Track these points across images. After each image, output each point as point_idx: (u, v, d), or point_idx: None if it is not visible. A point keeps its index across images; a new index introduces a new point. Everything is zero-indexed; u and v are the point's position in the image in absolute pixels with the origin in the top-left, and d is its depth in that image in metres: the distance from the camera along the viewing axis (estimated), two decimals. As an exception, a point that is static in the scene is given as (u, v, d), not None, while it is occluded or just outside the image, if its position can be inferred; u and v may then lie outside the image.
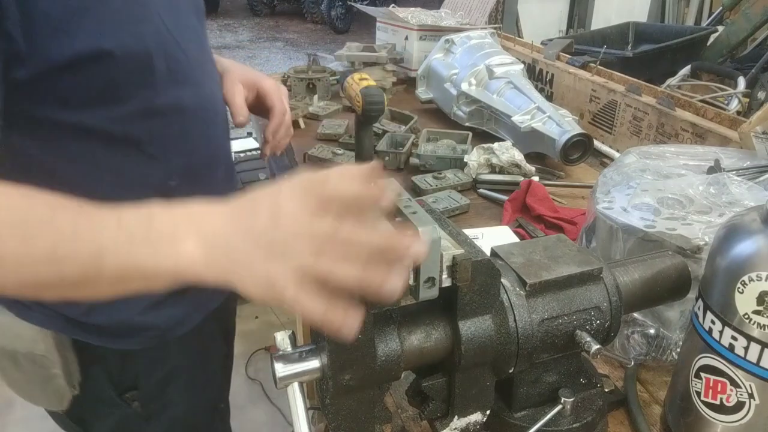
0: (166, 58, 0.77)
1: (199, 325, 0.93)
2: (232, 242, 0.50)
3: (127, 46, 0.71)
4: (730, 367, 0.63)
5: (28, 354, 0.84)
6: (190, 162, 0.85)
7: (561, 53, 1.93)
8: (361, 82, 1.24)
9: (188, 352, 0.95)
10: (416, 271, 0.54)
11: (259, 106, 1.08)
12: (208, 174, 0.90)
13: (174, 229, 0.51)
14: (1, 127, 0.66)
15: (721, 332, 0.63)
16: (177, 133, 0.82)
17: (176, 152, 0.82)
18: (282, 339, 0.60)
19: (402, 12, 2.28)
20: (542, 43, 2.12)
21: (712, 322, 0.64)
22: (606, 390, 0.73)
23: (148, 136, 0.78)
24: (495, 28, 2.06)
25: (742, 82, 2.38)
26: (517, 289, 0.64)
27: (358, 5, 3.21)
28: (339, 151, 1.55)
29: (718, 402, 0.66)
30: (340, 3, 9.20)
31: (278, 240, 0.48)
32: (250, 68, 1.11)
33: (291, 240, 0.48)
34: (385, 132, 1.66)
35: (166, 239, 0.51)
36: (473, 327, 0.60)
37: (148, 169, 0.79)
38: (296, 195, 0.50)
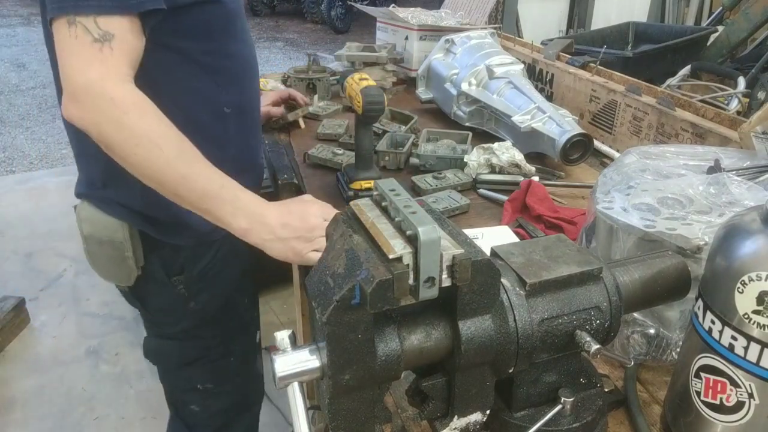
0: (240, 19, 1.14)
1: (229, 235, 1.11)
2: (274, 229, 0.99)
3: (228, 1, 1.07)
4: (730, 367, 0.63)
5: (110, 240, 1.15)
6: (240, 99, 1.18)
7: (561, 53, 1.93)
8: (361, 82, 1.24)
9: (220, 254, 1.26)
10: (416, 271, 0.54)
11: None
12: (249, 112, 1.24)
13: (244, 209, 0.98)
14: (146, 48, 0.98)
15: (721, 332, 0.63)
16: (236, 74, 1.15)
17: (233, 88, 1.15)
18: (282, 339, 0.60)
19: (402, 12, 2.28)
20: (542, 43, 2.12)
21: (712, 321, 0.64)
22: (606, 390, 0.73)
23: (219, 69, 1.11)
24: (495, 28, 2.06)
25: (742, 82, 2.38)
26: (517, 288, 0.64)
27: (358, 5, 3.21)
28: (339, 151, 1.55)
29: (717, 402, 0.66)
30: (340, 3, 9.20)
31: (303, 232, 1.00)
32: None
33: (308, 233, 1.00)
34: (385, 132, 1.67)
35: (235, 213, 0.98)
36: (473, 327, 0.60)
37: (215, 94, 1.12)
38: (315, 210, 1.04)
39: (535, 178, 1.38)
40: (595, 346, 0.61)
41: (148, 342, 1.37)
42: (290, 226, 0.99)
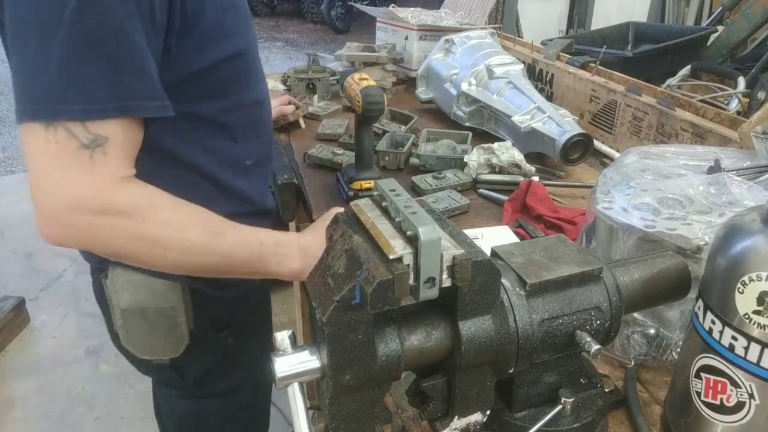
0: (257, 59, 1.00)
1: (267, 282, 1.15)
2: (316, 255, 0.76)
3: (249, 45, 0.94)
4: (730, 367, 0.63)
5: (158, 308, 0.98)
6: (259, 146, 1.05)
7: (561, 53, 1.93)
8: (361, 82, 1.24)
9: (257, 299, 1.22)
10: (416, 271, 0.54)
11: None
12: (268, 156, 1.12)
13: (289, 253, 0.94)
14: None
15: (721, 332, 0.63)
16: (253, 122, 1.02)
17: (251, 138, 1.02)
18: (282, 339, 0.60)
19: (402, 12, 2.28)
20: (542, 43, 2.12)
21: (712, 322, 0.64)
22: (606, 390, 0.73)
23: (236, 124, 0.97)
24: (495, 28, 2.06)
25: (742, 82, 2.38)
26: (517, 289, 0.64)
27: (358, 5, 3.21)
28: (339, 151, 1.55)
29: (718, 402, 0.66)
30: (340, 3, 9.20)
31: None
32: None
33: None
34: (385, 132, 1.66)
35: (281, 261, 0.94)
36: (473, 327, 0.60)
37: (233, 150, 0.98)
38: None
39: (535, 178, 1.38)
40: (595, 347, 0.61)
41: (176, 403, 1.20)
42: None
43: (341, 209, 1.03)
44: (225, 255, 0.87)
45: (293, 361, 0.59)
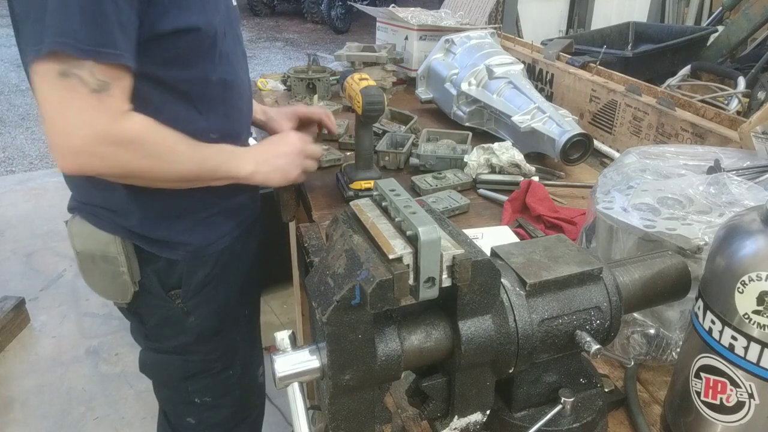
0: (224, 42, 1.08)
1: (227, 247, 1.25)
2: (269, 161, 1.16)
3: (208, 25, 1.02)
4: (730, 367, 0.63)
5: (103, 255, 1.13)
6: (226, 125, 1.15)
7: (561, 53, 1.93)
8: (361, 82, 1.24)
9: (218, 266, 1.24)
10: (416, 271, 0.54)
11: (306, 124, 1.49)
12: (237, 136, 1.21)
13: (243, 158, 1.12)
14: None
15: (721, 332, 0.63)
16: (219, 100, 1.12)
17: (217, 114, 1.12)
18: (282, 339, 0.60)
19: (402, 12, 2.28)
20: (542, 43, 2.12)
21: (712, 322, 0.64)
22: (606, 390, 0.74)
23: (200, 97, 1.08)
24: (495, 28, 2.06)
25: (742, 82, 2.38)
26: (517, 289, 0.64)
27: (358, 5, 3.21)
28: (325, 147, 1.58)
29: (718, 402, 0.66)
30: (340, 3, 9.20)
31: (292, 156, 1.19)
32: (288, 107, 1.53)
33: (297, 156, 1.20)
34: (385, 132, 1.66)
35: (240, 165, 1.11)
36: (473, 327, 0.60)
37: (197, 122, 1.09)
38: (294, 137, 1.23)
39: (535, 178, 1.38)
40: (595, 347, 0.61)
41: (145, 355, 1.34)
42: (282, 155, 1.17)
43: (286, 130, 1.29)
44: (198, 162, 1.04)
45: (293, 361, 0.59)
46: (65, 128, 0.89)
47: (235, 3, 1.21)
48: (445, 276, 0.55)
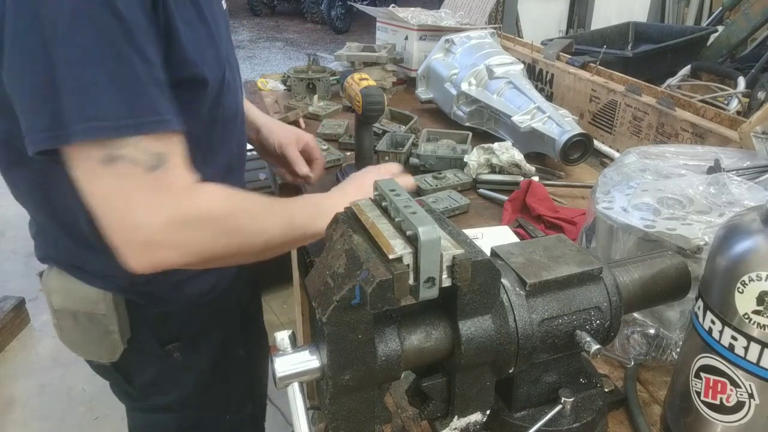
0: (228, 78, 0.93)
1: (220, 295, 1.12)
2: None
3: (214, 73, 0.87)
4: (730, 367, 0.63)
5: (89, 313, 0.97)
6: (229, 160, 1.02)
7: (561, 53, 1.93)
8: (361, 82, 1.24)
9: (214, 313, 1.12)
10: (416, 271, 0.54)
11: (305, 157, 1.32)
12: (239, 169, 1.09)
13: (329, 212, 0.80)
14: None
15: (721, 332, 0.63)
16: (221, 136, 0.97)
17: (220, 152, 0.99)
18: (282, 339, 0.60)
19: (402, 12, 2.28)
20: (542, 43, 2.12)
21: (712, 322, 0.64)
22: (606, 390, 0.73)
23: (206, 138, 0.93)
24: (495, 28, 2.06)
25: (742, 82, 2.38)
26: (517, 289, 0.64)
27: (358, 5, 3.21)
28: (324, 146, 1.58)
29: (718, 402, 0.66)
30: (340, 3, 9.21)
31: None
32: (282, 123, 1.38)
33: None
34: (385, 132, 1.66)
35: (329, 215, 0.79)
36: (473, 327, 0.60)
37: (201, 166, 0.87)
38: (370, 179, 0.84)
39: (535, 178, 1.38)
40: (595, 347, 0.61)
41: (134, 418, 1.20)
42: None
43: (370, 167, 1.10)
44: (287, 226, 0.88)
45: (293, 361, 0.59)
46: (127, 223, 0.73)
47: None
48: (445, 276, 0.55)
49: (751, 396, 0.63)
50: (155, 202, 0.74)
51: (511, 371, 0.64)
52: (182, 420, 1.18)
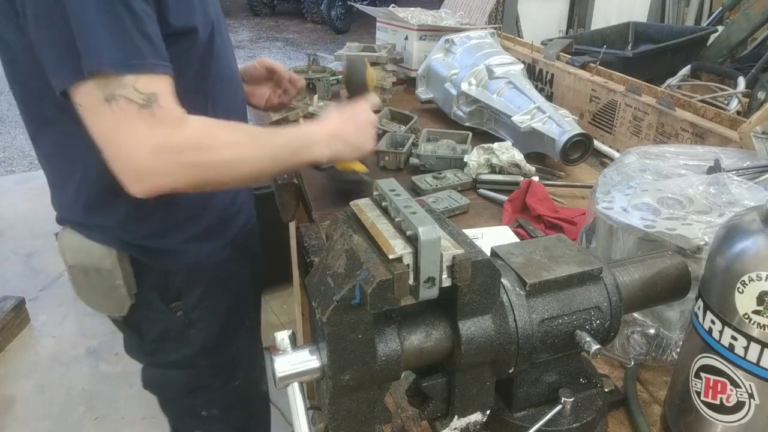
0: (220, 36, 1.07)
1: (227, 256, 1.22)
2: (347, 140, 1.10)
3: (203, 24, 1.00)
4: (730, 367, 0.63)
5: (97, 268, 1.08)
6: (228, 118, 1.07)
7: (561, 53, 1.93)
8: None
9: (219, 275, 1.22)
10: (416, 271, 0.54)
11: (274, 77, 1.45)
12: None
13: (319, 142, 1.06)
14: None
15: (721, 332, 0.63)
16: (218, 95, 1.10)
17: (216, 111, 1.07)
18: (282, 339, 0.60)
19: (402, 12, 2.28)
20: (542, 43, 2.12)
21: (712, 322, 0.64)
22: (606, 390, 0.73)
23: (203, 95, 1.06)
24: (495, 28, 2.06)
25: (742, 82, 2.38)
26: (517, 289, 0.64)
27: (358, 5, 3.21)
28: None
29: (718, 402, 0.66)
30: (340, 3, 9.20)
31: (367, 130, 1.14)
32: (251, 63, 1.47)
33: (371, 128, 1.15)
34: (385, 132, 1.66)
35: (313, 150, 1.06)
36: (473, 327, 0.60)
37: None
38: (363, 108, 1.16)
39: (535, 178, 1.38)
40: (595, 346, 0.61)
41: (148, 372, 1.31)
42: (358, 131, 1.12)
43: (361, 103, 1.18)
44: (270, 158, 1.00)
45: (293, 361, 0.59)
46: (124, 151, 0.86)
47: None
48: (445, 276, 0.55)
49: (751, 396, 0.63)
50: (145, 133, 0.86)
51: (511, 371, 0.64)
52: (192, 378, 1.29)
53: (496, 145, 1.43)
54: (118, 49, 0.83)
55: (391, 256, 0.53)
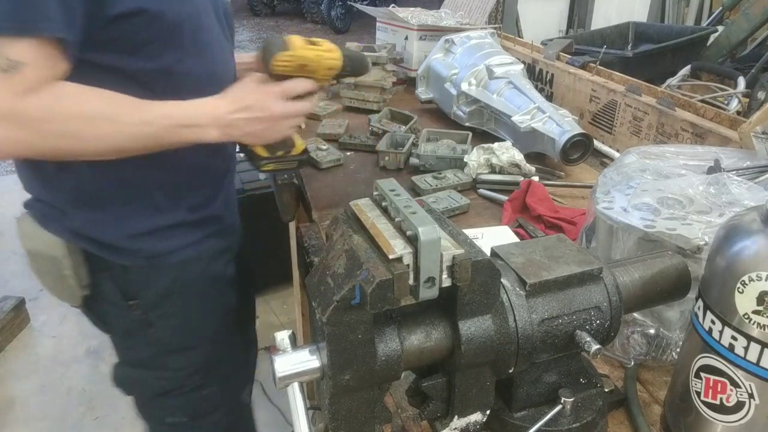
0: (194, 30, 1.01)
1: (192, 258, 1.16)
2: (234, 122, 1.00)
3: (163, 10, 0.94)
4: (730, 367, 0.63)
5: (49, 256, 1.07)
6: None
7: (561, 53, 1.93)
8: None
9: (181, 278, 1.16)
10: (416, 271, 0.54)
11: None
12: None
13: (203, 122, 0.98)
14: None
15: (721, 332, 0.63)
16: (189, 94, 1.00)
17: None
18: (282, 339, 0.60)
19: (402, 12, 2.28)
20: (542, 43, 2.12)
21: (712, 322, 0.64)
22: (606, 390, 0.73)
23: (167, 91, 0.99)
24: (495, 28, 2.06)
25: (742, 82, 2.39)
26: (517, 289, 0.64)
27: (358, 5, 3.21)
28: (324, 146, 1.58)
29: (718, 402, 0.66)
30: (340, 3, 9.20)
31: (260, 115, 1.02)
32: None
33: (275, 122, 1.04)
34: (385, 132, 1.66)
35: (200, 130, 0.98)
36: (473, 327, 0.60)
37: None
38: (266, 89, 1.03)
39: (535, 178, 1.38)
40: (595, 347, 0.61)
41: (117, 369, 1.27)
42: (255, 120, 1.02)
43: (253, 75, 1.06)
44: (131, 135, 0.94)
45: (293, 361, 0.59)
46: None
47: None
48: (445, 276, 0.55)
49: (751, 396, 0.63)
50: None
51: (511, 371, 0.64)
52: (159, 380, 1.23)
53: (496, 145, 1.43)
54: (11, 8, 0.82)
55: (391, 256, 0.53)
